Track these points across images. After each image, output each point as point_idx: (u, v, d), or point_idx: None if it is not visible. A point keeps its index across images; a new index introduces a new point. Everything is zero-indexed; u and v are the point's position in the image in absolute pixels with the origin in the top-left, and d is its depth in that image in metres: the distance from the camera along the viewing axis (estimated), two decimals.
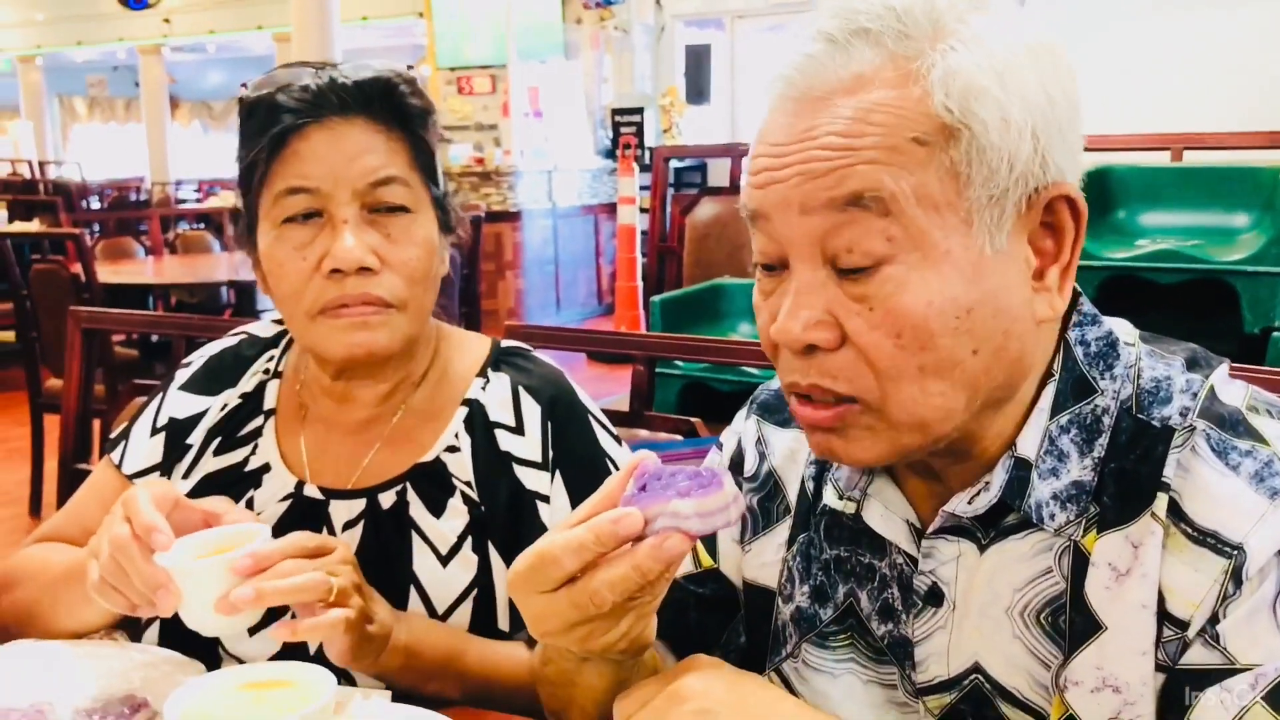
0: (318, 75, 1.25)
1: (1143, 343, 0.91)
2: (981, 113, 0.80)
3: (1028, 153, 0.81)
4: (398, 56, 9.14)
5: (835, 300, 0.83)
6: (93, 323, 2.12)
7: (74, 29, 16.75)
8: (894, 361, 0.82)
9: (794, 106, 0.84)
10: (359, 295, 1.23)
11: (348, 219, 1.23)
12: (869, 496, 0.97)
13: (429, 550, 1.28)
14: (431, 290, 1.31)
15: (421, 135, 1.29)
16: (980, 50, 0.81)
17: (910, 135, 0.80)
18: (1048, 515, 0.86)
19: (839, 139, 0.81)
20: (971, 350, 0.83)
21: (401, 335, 1.27)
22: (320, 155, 1.23)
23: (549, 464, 1.32)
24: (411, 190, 1.27)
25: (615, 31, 11.18)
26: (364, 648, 1.12)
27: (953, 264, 0.81)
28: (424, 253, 1.27)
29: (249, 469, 1.36)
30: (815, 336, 0.83)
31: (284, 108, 1.22)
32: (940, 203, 0.80)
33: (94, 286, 4.76)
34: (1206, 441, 0.83)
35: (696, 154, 9.79)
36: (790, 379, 0.87)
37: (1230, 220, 3.05)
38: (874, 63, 0.82)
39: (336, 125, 1.24)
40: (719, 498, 0.80)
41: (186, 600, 1.08)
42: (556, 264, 9.97)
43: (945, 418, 0.84)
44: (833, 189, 0.81)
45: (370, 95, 1.25)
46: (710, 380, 3.28)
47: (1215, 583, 0.79)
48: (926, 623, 0.94)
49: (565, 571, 0.81)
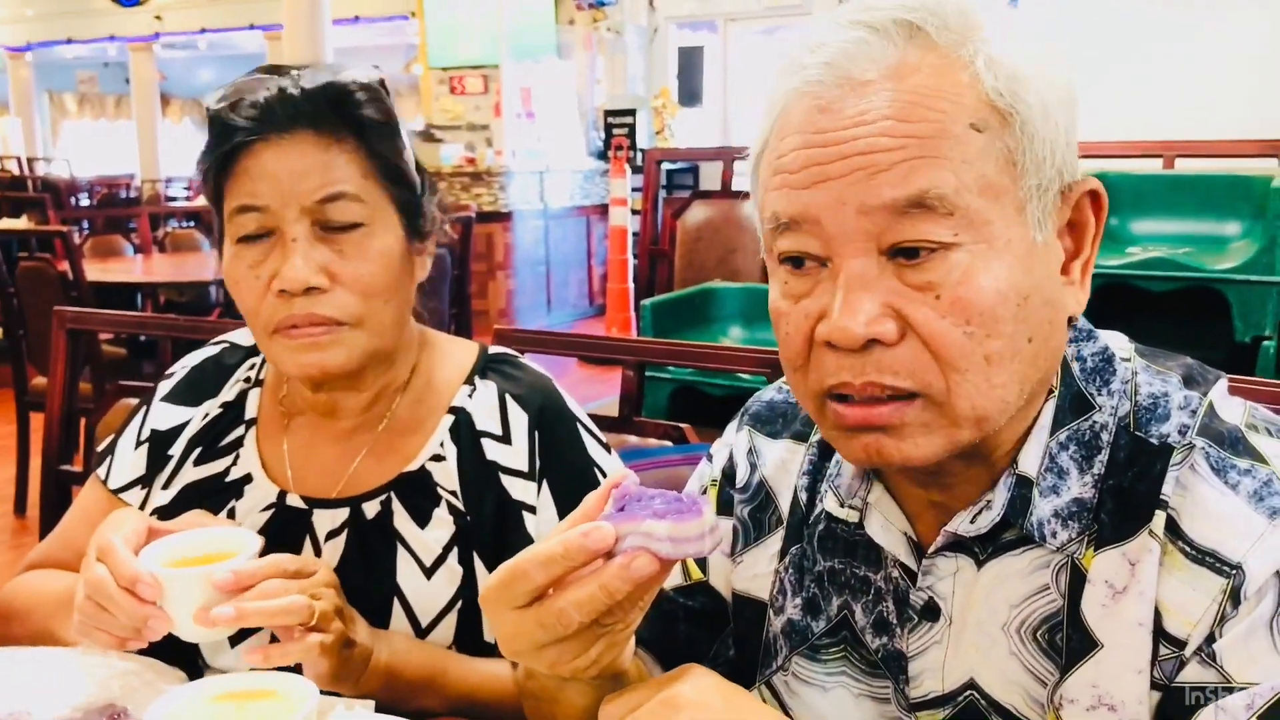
0: (269, 87, 1.21)
1: (1139, 357, 0.91)
2: (1028, 97, 0.80)
3: (1062, 145, 0.82)
4: (390, 55, 9.21)
5: (895, 291, 0.80)
6: (78, 323, 2.10)
7: (64, 24, 16.69)
8: (963, 350, 0.80)
9: (837, 92, 0.81)
10: (306, 315, 1.21)
11: (296, 237, 1.20)
12: (870, 506, 0.95)
13: (413, 561, 1.27)
14: (395, 302, 1.27)
15: (379, 144, 1.24)
16: (1016, 41, 0.81)
17: (969, 121, 0.79)
18: (1049, 533, 0.86)
19: (899, 124, 0.79)
20: (1028, 339, 0.82)
21: (360, 351, 1.24)
22: (268, 173, 1.20)
23: (536, 474, 1.30)
24: (365, 204, 1.22)
25: (608, 33, 11.17)
26: (344, 670, 1.11)
27: (1012, 251, 0.80)
28: (379, 267, 1.23)
29: (230, 479, 1.34)
30: (878, 330, 0.80)
31: (232, 126, 1.20)
32: (1000, 190, 0.80)
33: (82, 285, 4.72)
34: (1206, 460, 0.82)
35: (689, 157, 9.78)
36: (838, 379, 0.83)
37: (1222, 228, 3.05)
38: (916, 51, 0.81)
39: (283, 141, 1.20)
40: (695, 525, 0.78)
41: (166, 604, 1.07)
42: (548, 265, 9.96)
43: (1003, 410, 0.83)
44: (896, 187, 0.78)
45: (318, 106, 1.21)
46: (701, 384, 3.27)
47: (1214, 602, 0.79)
48: (922, 637, 0.93)
49: (534, 586, 0.78)
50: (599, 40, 11.22)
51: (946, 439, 0.83)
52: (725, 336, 3.68)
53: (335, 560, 1.26)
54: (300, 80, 1.22)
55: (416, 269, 1.32)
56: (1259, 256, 2.84)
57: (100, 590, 1.07)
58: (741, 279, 4.13)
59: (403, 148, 1.27)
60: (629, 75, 11.23)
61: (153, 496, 1.36)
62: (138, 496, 1.37)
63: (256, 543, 1.12)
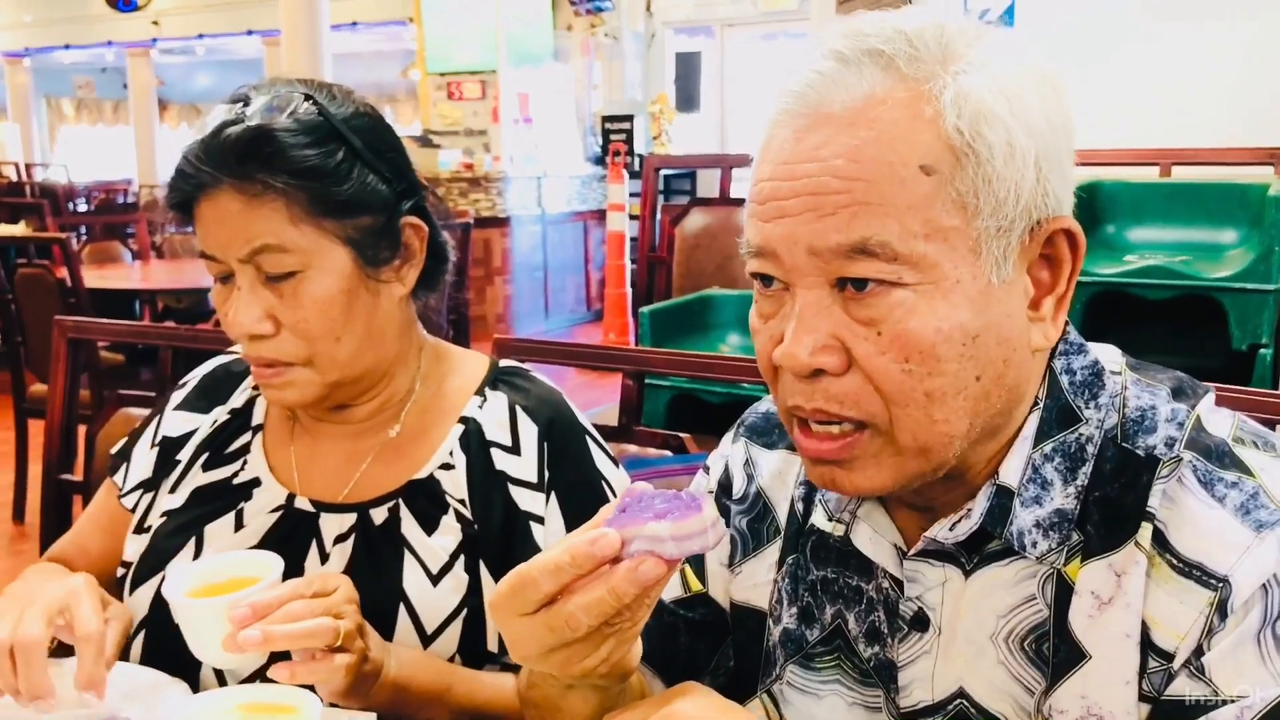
0: (204, 132, 1.21)
1: (1129, 370, 0.91)
2: (990, 136, 0.80)
3: (1031, 182, 0.81)
4: (388, 61, 9.22)
5: (841, 324, 0.82)
6: (78, 332, 2.11)
7: (62, 30, 16.67)
8: (901, 386, 0.82)
9: (802, 123, 0.83)
10: (255, 359, 1.25)
11: (241, 285, 1.23)
12: (858, 519, 0.96)
13: (420, 568, 1.27)
14: (350, 337, 1.25)
15: (311, 185, 1.20)
16: (990, 74, 0.81)
17: (919, 163, 0.79)
18: (1030, 543, 0.86)
19: (849, 164, 0.80)
20: (975, 376, 0.82)
21: (315, 388, 1.27)
22: (208, 224, 1.23)
23: (544, 485, 1.31)
24: (295, 252, 1.21)
25: (605, 38, 11.18)
26: (357, 686, 1.11)
27: (962, 292, 0.81)
28: (315, 314, 1.23)
29: (238, 482, 1.36)
30: (822, 361, 0.82)
31: (175, 181, 1.23)
32: (948, 233, 0.80)
33: (80, 291, 4.72)
34: (1193, 473, 0.83)
35: (687, 164, 9.80)
36: (793, 402, 0.86)
37: (1219, 236, 3.06)
38: (885, 83, 0.81)
39: (214, 195, 1.21)
40: (696, 521, 0.79)
41: (188, 634, 1.09)
42: (545, 270, 9.96)
43: (948, 444, 0.84)
44: (840, 232, 0.80)
45: (233, 161, 1.19)
46: (699, 392, 3.27)
47: (1201, 615, 0.79)
48: (912, 647, 0.94)
49: (542, 594, 0.79)
50: (596, 46, 11.24)
51: (895, 470, 0.85)
52: (723, 344, 3.68)
53: (343, 566, 1.27)
54: (231, 125, 1.20)
55: (392, 288, 1.30)
56: (1255, 265, 2.84)
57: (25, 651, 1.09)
58: (740, 286, 4.12)
59: (348, 178, 1.23)
60: (626, 81, 11.25)
61: (160, 500, 1.38)
62: (144, 500, 1.39)
63: (279, 566, 1.13)
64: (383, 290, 1.29)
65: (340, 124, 1.24)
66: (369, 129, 1.28)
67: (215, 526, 1.33)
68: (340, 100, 1.27)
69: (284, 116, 1.21)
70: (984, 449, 0.88)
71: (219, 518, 1.33)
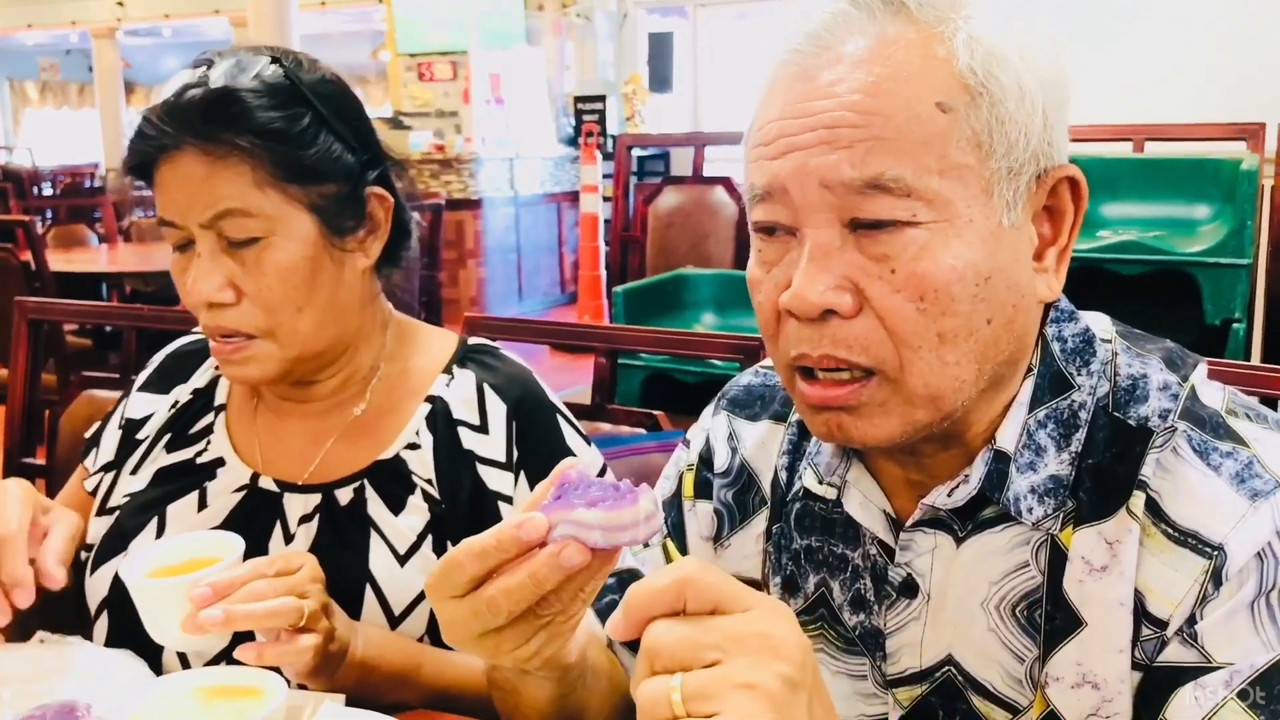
0: (167, 94, 1.18)
1: (1120, 338, 0.91)
2: (1003, 77, 0.80)
3: (1039, 129, 0.82)
4: (357, 42, 9.14)
5: (854, 264, 0.81)
6: (40, 313, 2.06)
7: (24, 11, 16.44)
8: (915, 327, 0.80)
9: (814, 61, 0.82)
10: (215, 328, 1.22)
11: (201, 252, 1.19)
12: (849, 484, 0.95)
13: (386, 548, 1.25)
14: (311, 308, 1.23)
15: (277, 149, 1.18)
16: (999, 21, 0.81)
17: (935, 100, 0.79)
18: (1025, 509, 0.86)
19: (865, 99, 0.79)
20: (986, 320, 0.82)
21: (276, 362, 1.23)
22: (169, 189, 1.20)
23: (513, 464, 1.29)
24: (259, 217, 1.18)
25: (577, 19, 11.11)
26: (322, 666, 1.09)
27: (975, 231, 0.80)
28: (278, 281, 1.20)
29: (201, 462, 1.34)
30: (833, 301, 0.81)
31: (134, 143, 1.20)
32: (963, 171, 0.80)
33: (45, 275, 4.67)
34: (1188, 442, 0.82)
35: (660, 143, 9.76)
36: (799, 350, 0.84)
37: (1192, 212, 3.07)
38: (896, 25, 0.81)
39: (176, 158, 1.18)
40: (629, 513, 0.76)
41: (146, 616, 1.06)
42: (519, 252, 9.92)
43: (958, 389, 0.83)
44: (855, 168, 0.79)
45: (198, 122, 1.16)
46: (673, 371, 3.26)
47: (1195, 583, 0.79)
48: (899, 614, 0.93)
49: (468, 576, 0.77)
50: (568, 26, 11.17)
51: (903, 419, 0.84)
52: (697, 323, 3.67)
53: (307, 546, 1.25)
54: (195, 87, 1.18)
55: (355, 260, 1.28)
56: (1228, 239, 2.86)
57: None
58: (713, 265, 4.12)
59: (314, 144, 1.21)
60: (599, 61, 11.19)
61: (121, 482, 1.36)
62: (106, 482, 1.37)
63: (239, 547, 1.10)
64: (346, 260, 1.27)
65: (306, 88, 1.22)
66: (335, 96, 1.26)
67: (178, 506, 1.30)
68: (306, 66, 1.26)
69: (249, 78, 1.19)
70: (986, 406, 0.87)
71: (181, 497, 1.31)
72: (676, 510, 1.13)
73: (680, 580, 0.68)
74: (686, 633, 0.67)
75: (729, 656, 0.65)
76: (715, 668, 0.65)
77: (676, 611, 0.68)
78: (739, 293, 3.93)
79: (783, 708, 0.64)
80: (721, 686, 0.64)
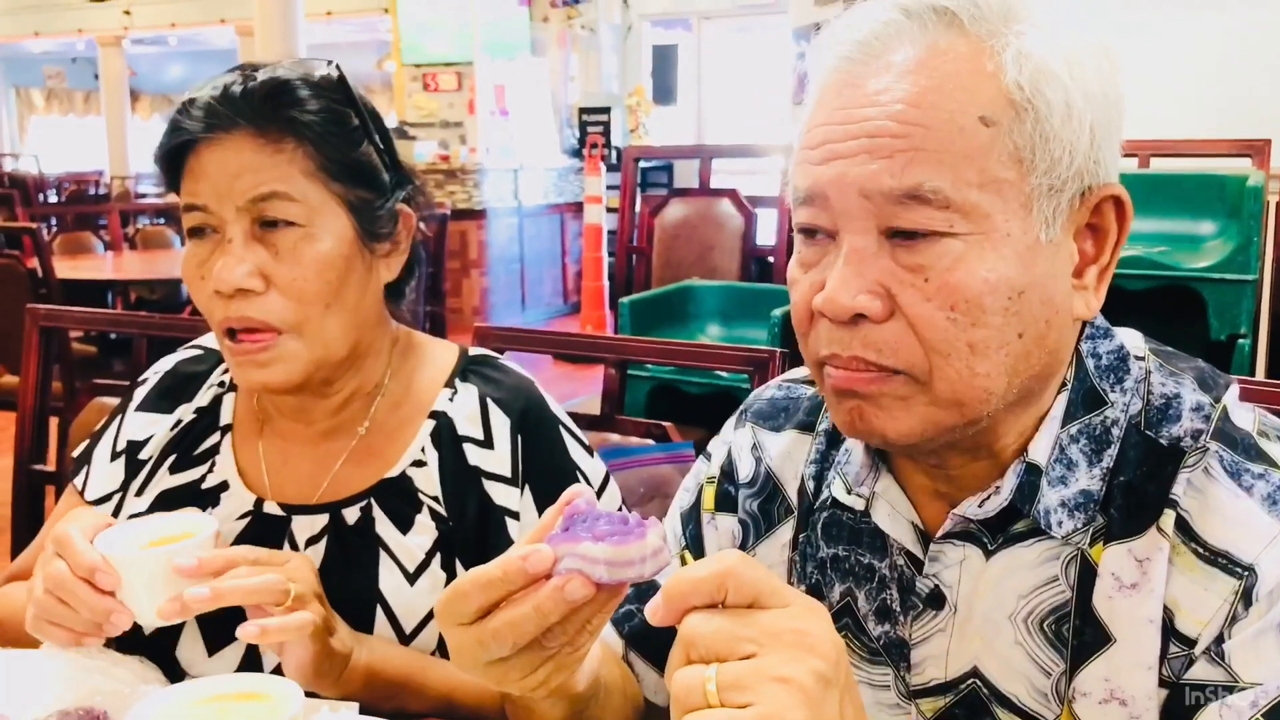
0: (217, 85, 1.20)
1: (1153, 356, 0.91)
2: (1049, 94, 0.80)
3: (1085, 147, 0.82)
4: (363, 52, 9.13)
5: (887, 271, 0.82)
6: (51, 321, 2.07)
7: (32, 19, 16.49)
8: (945, 335, 0.81)
9: (862, 69, 0.83)
10: (239, 319, 1.19)
11: (233, 238, 1.18)
12: (877, 495, 0.96)
13: (396, 567, 1.25)
14: (341, 309, 1.22)
15: (326, 143, 1.21)
16: (1050, 37, 0.82)
17: (979, 113, 0.79)
18: (1055, 522, 0.86)
19: (908, 109, 0.80)
20: (1018, 333, 0.82)
21: (301, 364, 1.21)
22: (208, 172, 1.18)
23: (519, 479, 1.29)
24: (302, 205, 1.19)
25: (582, 30, 11.15)
26: (326, 664, 1.09)
27: (1011, 246, 0.80)
28: (314, 273, 1.19)
29: (206, 486, 1.32)
30: (865, 305, 0.82)
31: (177, 126, 1.19)
32: (1003, 185, 0.80)
33: (51, 282, 4.67)
34: (1220, 463, 0.83)
35: (666, 155, 9.79)
36: (828, 351, 0.85)
37: (1197, 228, 3.07)
38: (948, 37, 0.82)
39: (223, 140, 1.18)
40: (636, 548, 0.76)
41: (127, 590, 1.06)
42: (522, 263, 9.93)
43: (985, 399, 0.83)
44: (895, 177, 0.80)
45: (259, 105, 1.18)
46: (679, 382, 3.26)
47: (1225, 602, 0.79)
48: (925, 625, 0.93)
49: (474, 606, 0.78)
50: (573, 38, 11.21)
51: (925, 418, 0.84)
52: (703, 334, 3.68)
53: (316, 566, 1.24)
54: (249, 79, 1.20)
55: (379, 271, 1.28)
56: (1234, 255, 2.86)
57: (60, 584, 1.05)
58: (719, 277, 4.12)
59: (359, 146, 1.24)
60: (603, 73, 11.22)
61: (127, 504, 1.34)
62: (109, 508, 1.35)
63: (212, 525, 1.11)
64: (374, 269, 1.28)
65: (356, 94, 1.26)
66: (373, 111, 1.29)
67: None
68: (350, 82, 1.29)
69: (303, 73, 1.23)
70: (1016, 420, 0.88)
71: None
72: (695, 523, 1.13)
73: (722, 571, 0.69)
74: (724, 624, 0.68)
75: (765, 650, 0.66)
76: (750, 660, 0.66)
77: (716, 602, 0.69)
78: (745, 305, 3.93)
79: (815, 703, 0.65)
80: (756, 678, 0.65)
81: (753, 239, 4.27)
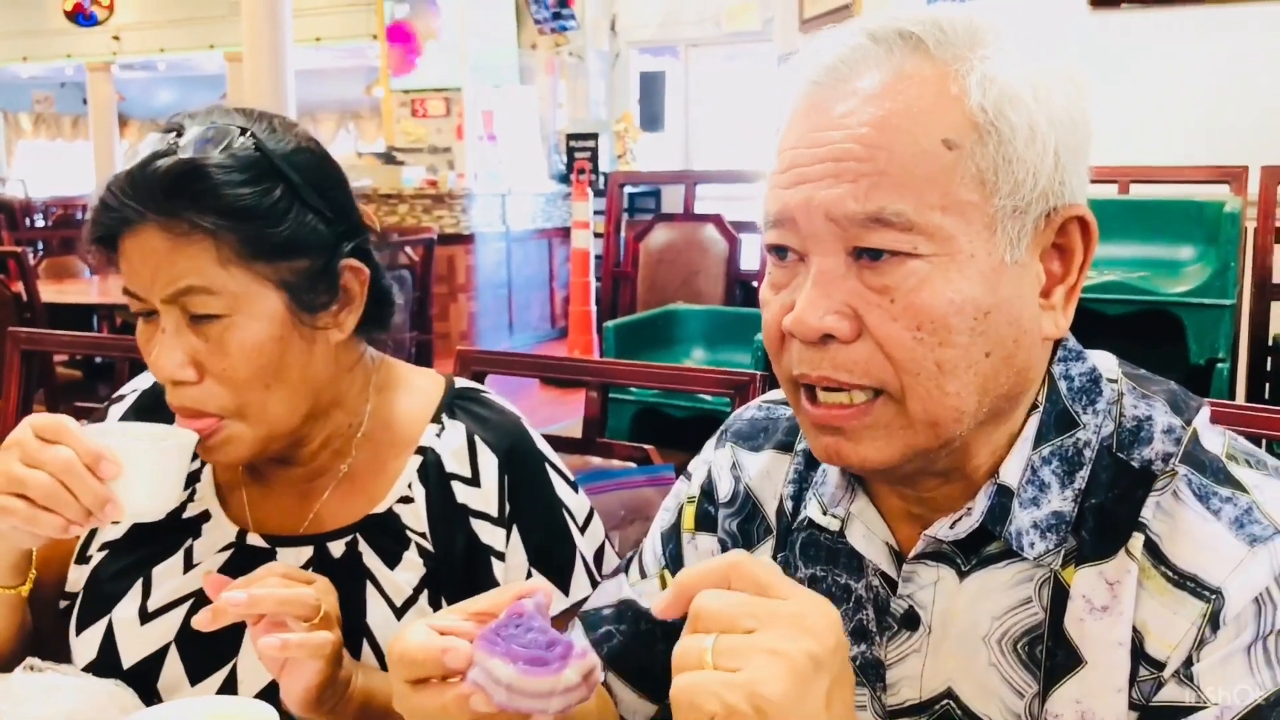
0: (131, 164, 1.14)
1: (1125, 378, 0.92)
2: (1013, 118, 0.81)
3: (1049, 169, 0.83)
4: (351, 78, 9.18)
5: (855, 292, 0.83)
6: (33, 344, 2.07)
7: (20, 44, 16.47)
8: (912, 355, 0.82)
9: (830, 93, 0.85)
10: (179, 407, 1.18)
11: (165, 327, 1.16)
12: (853, 516, 0.96)
13: (383, 601, 1.24)
14: (281, 387, 1.18)
15: (244, 226, 1.14)
16: (1016, 61, 0.83)
17: (942, 136, 0.81)
18: (1028, 544, 0.87)
19: (872, 132, 0.81)
20: (985, 353, 0.83)
21: (248, 444, 1.19)
22: (133, 261, 1.16)
23: (505, 520, 1.28)
24: (222, 295, 1.14)
25: (570, 57, 11.19)
26: (329, 690, 1.08)
27: (975, 266, 0.82)
28: (241, 360, 1.15)
29: (186, 516, 1.30)
30: (832, 326, 0.83)
31: (98, 214, 1.15)
32: (966, 208, 0.81)
33: (36, 306, 4.66)
34: (1188, 486, 0.84)
35: (652, 180, 9.81)
36: (799, 370, 0.86)
37: (1176, 253, 3.09)
38: (913, 61, 0.83)
39: (139, 231, 1.13)
40: (546, 682, 0.76)
41: (125, 483, 1.06)
42: (509, 287, 9.94)
43: (958, 419, 0.84)
44: (860, 200, 0.81)
45: (160, 198, 1.12)
46: (663, 406, 3.27)
47: (1193, 625, 0.80)
48: (900, 646, 0.94)
49: (402, 676, 0.83)
50: (561, 64, 11.25)
51: (903, 443, 0.85)
52: (687, 358, 3.69)
53: None
54: (162, 157, 1.13)
55: (327, 337, 1.23)
56: (1212, 280, 2.88)
57: (66, 468, 1.04)
58: (704, 301, 4.14)
59: (285, 218, 1.17)
60: (591, 99, 11.26)
61: (102, 530, 1.31)
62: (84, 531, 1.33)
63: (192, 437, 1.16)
64: (318, 337, 1.22)
65: (280, 160, 1.17)
66: (311, 165, 1.21)
67: (163, 568, 1.27)
68: (281, 134, 1.20)
69: (218, 151, 1.14)
70: (988, 440, 0.88)
71: (167, 558, 1.28)
72: (675, 542, 1.14)
73: (730, 564, 0.74)
74: (731, 600, 0.72)
75: (764, 627, 0.71)
76: (750, 634, 0.70)
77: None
78: (728, 329, 3.95)
79: (803, 680, 0.68)
80: (750, 649, 0.69)
81: (737, 264, 4.29)
